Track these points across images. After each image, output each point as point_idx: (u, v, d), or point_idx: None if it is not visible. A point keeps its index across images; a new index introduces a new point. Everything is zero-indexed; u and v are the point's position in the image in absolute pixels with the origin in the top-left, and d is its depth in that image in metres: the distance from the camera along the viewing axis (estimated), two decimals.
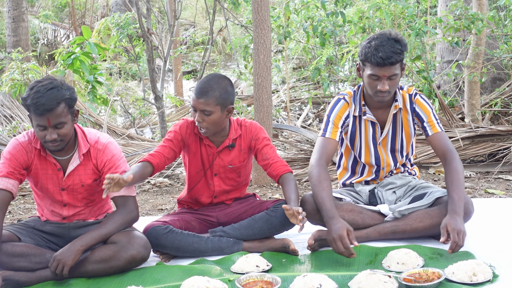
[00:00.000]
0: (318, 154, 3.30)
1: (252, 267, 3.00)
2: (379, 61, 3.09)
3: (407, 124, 3.37)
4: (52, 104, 2.87)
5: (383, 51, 3.09)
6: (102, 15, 14.71)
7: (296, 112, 8.93)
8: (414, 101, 3.33)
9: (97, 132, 3.22)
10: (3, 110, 7.05)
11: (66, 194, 3.16)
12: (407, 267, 2.88)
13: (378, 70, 3.13)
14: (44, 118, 2.89)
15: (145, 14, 6.91)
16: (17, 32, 8.79)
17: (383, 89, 3.14)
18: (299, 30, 8.42)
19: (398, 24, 6.67)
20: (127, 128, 8.44)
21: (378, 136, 3.38)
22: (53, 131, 2.92)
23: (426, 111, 3.32)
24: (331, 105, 3.39)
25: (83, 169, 3.13)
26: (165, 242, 3.23)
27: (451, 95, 7.31)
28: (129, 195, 3.14)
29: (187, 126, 3.38)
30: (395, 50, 3.11)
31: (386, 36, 3.16)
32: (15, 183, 3.05)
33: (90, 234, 3.01)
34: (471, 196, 4.60)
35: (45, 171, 3.11)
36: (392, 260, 2.94)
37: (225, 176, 3.42)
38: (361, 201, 3.48)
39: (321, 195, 3.14)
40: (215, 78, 3.26)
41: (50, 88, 2.91)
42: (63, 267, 2.91)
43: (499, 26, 7.81)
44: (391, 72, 3.13)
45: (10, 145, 3.10)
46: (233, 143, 3.37)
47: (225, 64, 13.75)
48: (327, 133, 3.33)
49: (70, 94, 2.96)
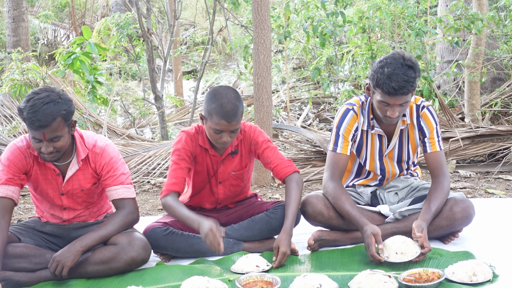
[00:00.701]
0: (330, 171, 3.26)
1: (252, 267, 3.00)
2: (391, 91, 2.96)
3: (413, 138, 3.32)
4: (47, 120, 2.81)
5: (396, 80, 2.95)
6: (102, 15, 14.71)
7: (296, 112, 8.92)
8: (420, 114, 3.25)
9: (94, 134, 3.18)
10: (3, 110, 7.05)
11: (66, 198, 3.15)
12: (407, 256, 2.89)
13: (389, 99, 3.01)
14: (40, 133, 2.84)
15: (145, 14, 6.91)
16: (17, 32, 8.78)
17: (393, 116, 3.05)
18: (299, 30, 8.42)
19: (398, 24, 6.66)
20: (127, 128, 8.44)
21: (384, 148, 3.33)
22: (48, 144, 2.88)
23: (430, 127, 3.25)
24: (340, 116, 3.28)
25: (82, 173, 3.11)
26: (165, 243, 3.23)
27: (451, 95, 7.31)
28: (128, 197, 3.13)
29: (190, 139, 3.27)
30: (408, 78, 2.96)
31: (399, 62, 2.99)
32: (16, 189, 3.03)
33: (90, 235, 3.01)
34: (471, 196, 4.60)
35: (45, 176, 3.10)
36: (390, 250, 2.94)
37: (229, 184, 3.39)
38: (361, 202, 3.46)
39: (344, 208, 3.13)
40: (231, 93, 3.10)
41: (47, 102, 2.83)
42: (62, 268, 2.90)
43: (499, 26, 7.81)
44: (402, 100, 3.02)
45: (8, 151, 3.06)
46: (236, 150, 3.32)
47: (225, 64, 13.74)
48: (338, 148, 3.26)
49: (67, 108, 2.89)
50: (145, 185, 5.60)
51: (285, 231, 3.11)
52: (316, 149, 5.87)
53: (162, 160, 5.74)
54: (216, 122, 3.05)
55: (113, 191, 3.12)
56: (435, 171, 3.25)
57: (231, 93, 3.10)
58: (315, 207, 3.24)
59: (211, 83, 11.61)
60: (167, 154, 5.76)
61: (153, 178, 5.69)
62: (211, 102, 3.08)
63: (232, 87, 3.17)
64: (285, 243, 3.06)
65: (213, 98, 3.08)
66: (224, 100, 3.04)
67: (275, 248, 3.07)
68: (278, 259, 3.03)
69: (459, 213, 3.16)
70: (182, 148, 3.24)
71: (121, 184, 3.12)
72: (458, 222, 3.18)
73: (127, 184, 3.14)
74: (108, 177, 3.11)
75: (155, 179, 5.71)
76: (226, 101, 3.04)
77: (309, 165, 5.64)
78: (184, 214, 3.08)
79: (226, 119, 3.03)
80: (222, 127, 3.06)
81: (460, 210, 3.16)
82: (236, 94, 3.13)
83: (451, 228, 3.20)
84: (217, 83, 11.58)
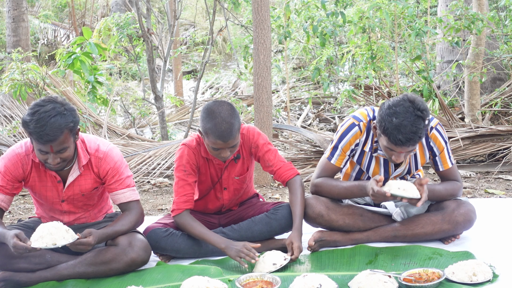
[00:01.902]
0: (319, 174, 3.32)
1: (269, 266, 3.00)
2: (398, 143, 2.91)
3: (423, 157, 3.27)
4: (56, 134, 2.79)
5: (404, 132, 2.86)
6: (102, 15, 14.70)
7: (296, 112, 8.92)
8: (429, 135, 3.20)
9: (97, 138, 3.15)
10: (3, 110, 7.05)
11: (66, 204, 3.15)
12: (408, 193, 2.96)
13: (395, 147, 2.96)
14: (47, 146, 2.82)
15: (145, 14, 6.91)
16: (17, 32, 8.77)
17: (397, 161, 3.04)
18: (299, 30, 8.41)
19: (398, 24, 6.66)
20: (127, 128, 8.44)
21: (391, 171, 3.29)
22: (55, 156, 2.87)
23: (440, 147, 3.21)
24: (344, 130, 3.22)
25: (83, 179, 3.10)
26: (165, 245, 3.23)
27: (451, 95, 7.31)
28: (135, 199, 3.14)
29: (192, 152, 3.26)
30: (417, 130, 2.88)
31: (409, 111, 2.88)
32: (6, 198, 3.03)
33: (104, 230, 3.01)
34: (471, 196, 4.60)
35: (44, 183, 3.08)
36: (392, 186, 3.00)
37: (233, 188, 3.39)
38: (361, 202, 3.46)
39: (339, 184, 3.22)
40: (225, 110, 3.06)
41: (54, 115, 2.80)
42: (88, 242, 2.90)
43: (499, 26, 7.81)
44: (409, 150, 2.98)
45: (6, 157, 3.04)
46: (238, 155, 3.32)
47: (225, 64, 13.74)
48: (333, 159, 3.27)
49: (73, 120, 2.87)
50: (145, 185, 5.60)
51: (296, 229, 3.17)
52: (316, 149, 5.87)
53: (162, 160, 5.75)
54: (213, 142, 3.06)
55: (120, 195, 3.12)
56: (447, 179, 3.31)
57: (225, 110, 3.06)
58: (314, 209, 3.24)
59: (211, 83, 11.61)
60: (167, 154, 5.76)
61: (153, 178, 5.70)
62: (206, 121, 3.07)
63: (227, 102, 3.14)
64: (298, 239, 3.13)
65: (207, 117, 3.06)
66: (218, 120, 3.03)
67: (288, 244, 3.12)
68: (295, 253, 3.07)
69: (461, 216, 3.17)
70: (186, 163, 3.24)
71: (127, 187, 3.12)
72: (460, 226, 3.19)
73: (132, 187, 3.15)
74: (114, 182, 3.10)
75: (155, 179, 5.71)
76: (220, 120, 3.03)
77: (309, 165, 5.64)
78: (205, 234, 3.16)
79: (222, 139, 3.03)
80: (219, 146, 3.07)
81: (462, 213, 3.17)
82: (231, 110, 3.09)
83: (453, 231, 3.21)
84: (217, 83, 11.58)
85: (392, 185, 3.01)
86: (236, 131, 3.07)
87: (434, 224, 3.17)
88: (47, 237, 2.80)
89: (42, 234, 2.81)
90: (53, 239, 2.80)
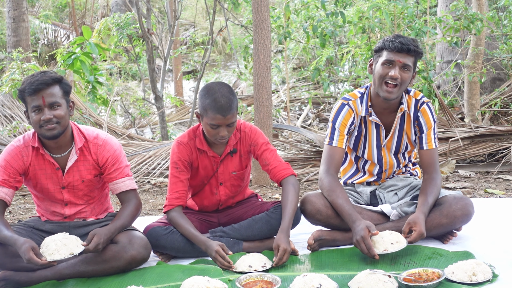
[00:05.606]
0: (326, 164, 3.31)
1: (255, 265, 3.01)
2: (397, 45, 3.14)
3: (409, 130, 3.36)
4: (47, 81, 2.94)
5: (402, 38, 3.17)
6: (102, 15, 14.72)
7: (296, 112, 8.93)
8: (419, 109, 3.31)
9: (96, 129, 3.23)
10: (3, 110, 7.05)
11: (67, 192, 3.16)
12: (403, 244, 2.97)
13: (394, 55, 3.15)
14: (39, 97, 2.93)
15: (145, 14, 6.92)
16: (17, 32, 8.79)
17: (394, 75, 3.14)
18: (299, 30, 8.43)
19: (398, 24, 6.67)
20: (127, 128, 8.45)
21: (382, 138, 3.37)
22: (49, 112, 2.95)
23: (429, 124, 3.31)
24: (335, 111, 3.36)
25: (82, 164, 3.14)
26: (165, 243, 3.24)
27: (451, 95, 7.31)
28: (134, 188, 3.21)
29: (183, 147, 3.29)
30: (413, 42, 3.19)
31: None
32: (9, 192, 3.06)
33: (108, 227, 3.03)
34: (470, 196, 4.60)
35: (44, 171, 3.11)
36: (385, 243, 3.00)
37: (230, 184, 3.40)
38: (361, 202, 3.48)
39: (338, 202, 3.17)
40: (224, 88, 3.14)
41: (44, 72, 3.03)
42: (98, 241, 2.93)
43: (498, 26, 7.82)
44: (405, 61, 3.15)
45: (5, 152, 3.10)
46: (235, 149, 3.34)
47: (225, 64, 13.75)
48: (334, 142, 3.31)
49: (64, 80, 3.04)
50: (145, 185, 5.61)
51: (282, 231, 3.13)
52: (316, 149, 5.87)
53: (162, 160, 5.75)
54: (211, 117, 3.08)
55: (120, 184, 3.17)
56: (429, 167, 3.31)
57: (224, 87, 3.14)
58: (314, 205, 3.26)
59: None
60: (167, 154, 5.76)
61: (153, 178, 5.70)
62: (205, 98, 3.11)
63: (225, 82, 3.20)
64: (284, 241, 3.07)
65: (206, 94, 3.12)
66: (217, 95, 3.08)
67: (275, 248, 3.08)
68: (279, 255, 3.03)
69: (459, 210, 3.18)
70: (178, 160, 3.28)
71: (127, 176, 3.19)
72: (459, 220, 3.19)
73: (131, 176, 3.22)
74: (113, 170, 3.15)
75: (155, 179, 5.71)
76: (219, 95, 3.08)
77: (309, 165, 5.65)
78: (190, 233, 3.18)
79: (221, 113, 3.06)
80: (218, 121, 3.08)
81: (460, 208, 3.18)
82: (229, 88, 3.16)
83: (451, 226, 3.21)
84: None
85: (383, 242, 3.00)
86: (235, 108, 3.12)
87: (432, 221, 3.17)
88: (62, 249, 2.88)
89: (57, 247, 2.88)
90: (69, 249, 2.89)
